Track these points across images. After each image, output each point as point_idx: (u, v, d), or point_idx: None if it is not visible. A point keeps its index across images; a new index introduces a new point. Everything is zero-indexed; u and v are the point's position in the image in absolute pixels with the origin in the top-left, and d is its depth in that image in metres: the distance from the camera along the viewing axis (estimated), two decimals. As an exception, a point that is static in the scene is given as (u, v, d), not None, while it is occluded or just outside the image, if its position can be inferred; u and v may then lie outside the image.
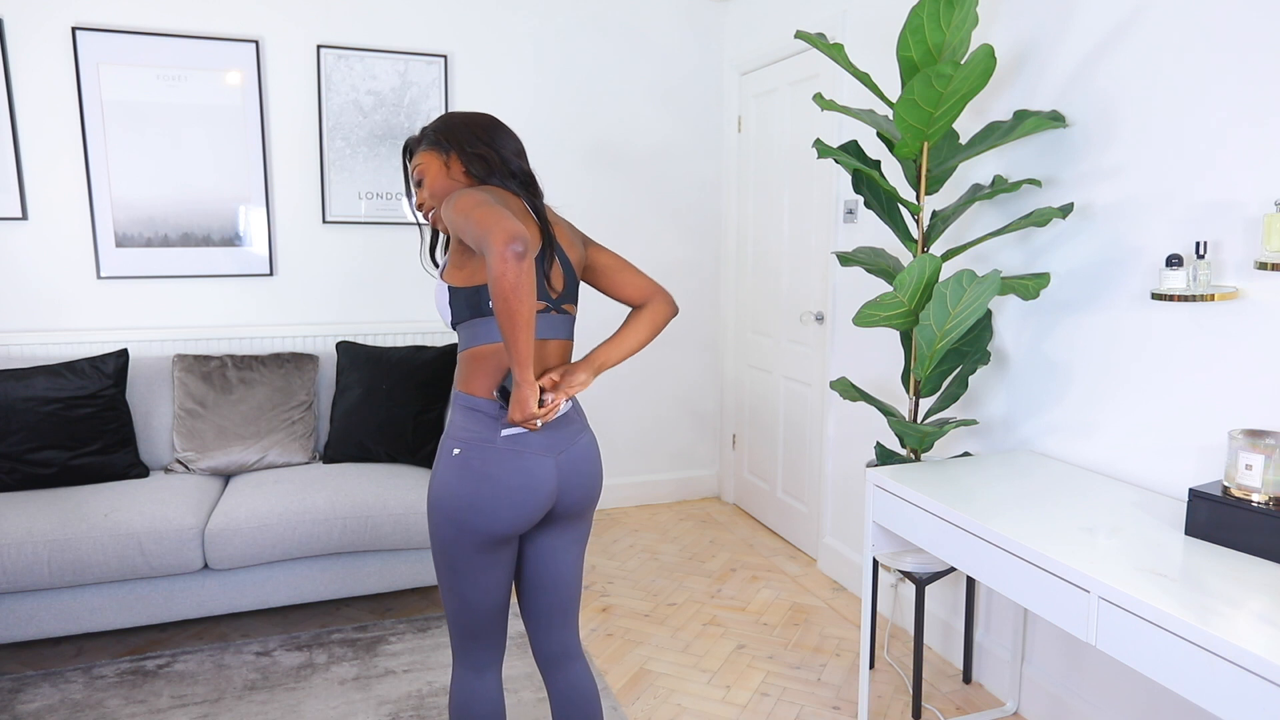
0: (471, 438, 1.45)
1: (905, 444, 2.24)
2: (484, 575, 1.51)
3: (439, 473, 1.47)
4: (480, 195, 1.35)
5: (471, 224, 1.29)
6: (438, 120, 1.58)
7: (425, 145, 1.56)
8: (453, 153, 1.54)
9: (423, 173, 1.55)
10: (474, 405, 1.46)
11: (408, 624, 2.70)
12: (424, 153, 1.55)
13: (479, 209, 1.30)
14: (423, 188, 1.55)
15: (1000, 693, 2.37)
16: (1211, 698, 1.23)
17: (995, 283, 1.87)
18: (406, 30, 3.33)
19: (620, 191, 3.75)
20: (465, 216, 1.32)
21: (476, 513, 1.44)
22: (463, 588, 1.51)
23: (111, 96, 2.98)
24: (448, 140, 1.54)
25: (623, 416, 3.90)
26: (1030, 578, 1.55)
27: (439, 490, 1.46)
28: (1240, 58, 1.69)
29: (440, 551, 1.50)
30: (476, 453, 1.43)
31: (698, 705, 2.31)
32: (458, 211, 1.33)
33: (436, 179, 1.54)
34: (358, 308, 3.41)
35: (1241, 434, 1.51)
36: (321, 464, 2.91)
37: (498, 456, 1.43)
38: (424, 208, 1.57)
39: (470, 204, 1.32)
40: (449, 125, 1.56)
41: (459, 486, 1.44)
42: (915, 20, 1.95)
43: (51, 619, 2.36)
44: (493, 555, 1.49)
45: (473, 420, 1.46)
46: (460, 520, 1.45)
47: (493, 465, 1.43)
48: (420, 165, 1.55)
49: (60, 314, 3.04)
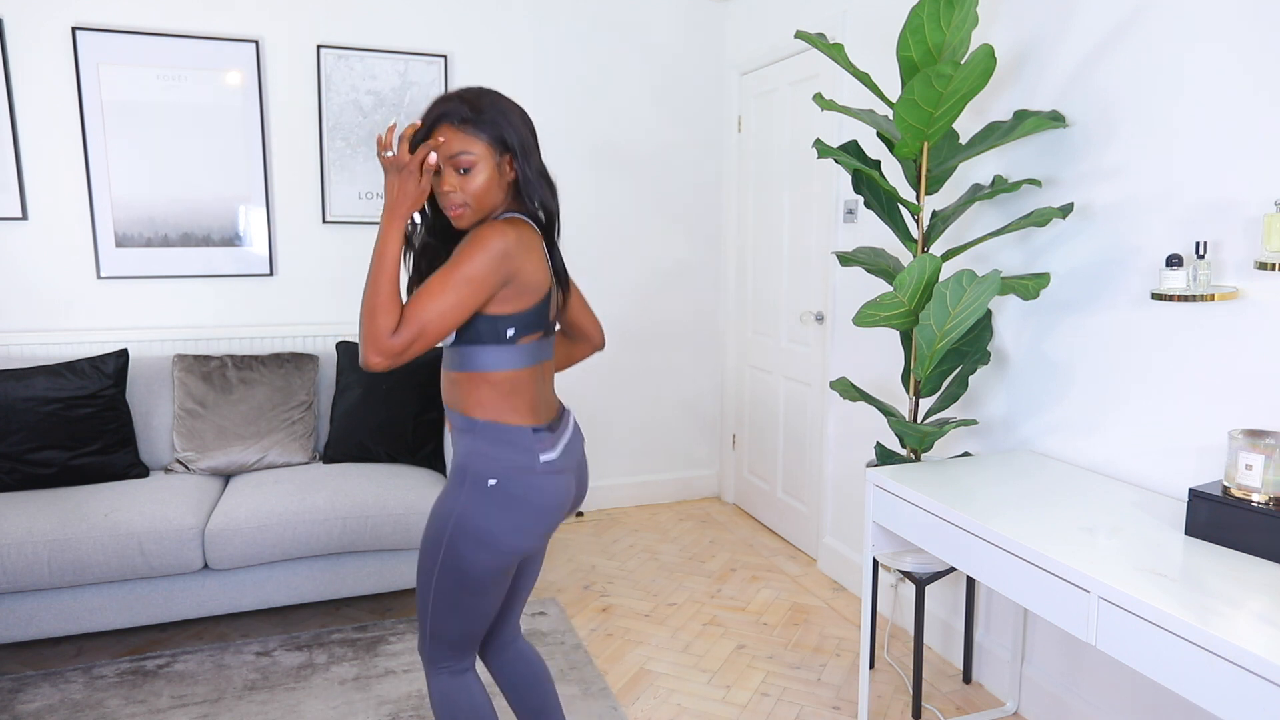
0: (509, 468, 1.44)
1: (905, 444, 2.24)
2: (496, 593, 1.52)
3: (469, 501, 1.43)
4: (489, 261, 1.33)
5: (439, 297, 1.30)
6: (489, 101, 1.40)
7: (481, 134, 1.38)
8: (510, 159, 1.43)
9: (473, 164, 1.38)
10: (506, 435, 1.45)
11: (408, 624, 2.70)
12: (477, 140, 1.38)
13: (465, 288, 1.32)
14: (469, 177, 1.39)
15: (1000, 693, 2.37)
16: (1211, 698, 1.23)
17: (995, 283, 1.87)
18: (406, 30, 3.33)
19: (620, 192, 3.75)
20: (450, 283, 1.31)
21: (518, 537, 1.45)
22: (473, 610, 1.50)
23: (111, 97, 2.98)
24: (508, 141, 1.41)
25: (623, 416, 3.90)
26: (1030, 578, 1.55)
27: (476, 521, 1.43)
28: (1240, 58, 1.69)
29: (458, 576, 1.46)
30: (516, 481, 1.44)
31: (698, 705, 2.31)
32: (465, 263, 1.32)
33: (489, 183, 1.41)
34: (357, 307, 3.41)
35: (1241, 434, 1.51)
36: (321, 464, 2.91)
37: (538, 480, 1.46)
38: (452, 201, 1.40)
39: (472, 272, 1.32)
40: (509, 120, 1.41)
41: (500, 516, 1.43)
42: (915, 20, 1.95)
43: (51, 619, 2.36)
44: (511, 573, 1.52)
45: (508, 450, 1.44)
46: (499, 547, 1.44)
47: (533, 491, 1.45)
48: (473, 156, 1.38)
49: (60, 314, 3.04)
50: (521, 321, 1.44)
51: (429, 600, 1.50)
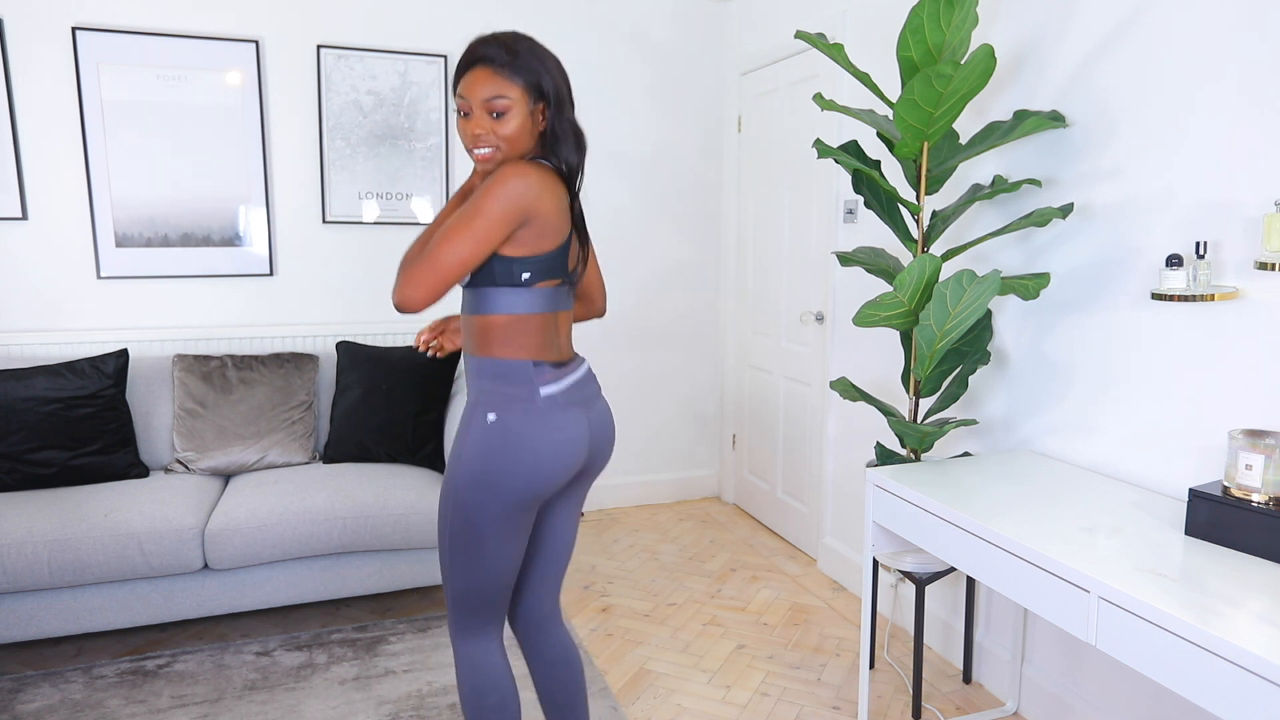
0: (507, 401, 1.43)
1: (905, 444, 2.24)
2: (510, 544, 1.48)
3: (472, 442, 1.43)
4: (505, 198, 1.34)
5: (455, 232, 1.33)
6: (526, 46, 1.40)
7: (517, 78, 1.38)
8: (543, 107, 1.43)
9: (509, 108, 1.38)
10: (506, 369, 1.44)
11: (408, 624, 2.70)
12: (513, 84, 1.38)
13: (481, 224, 1.34)
14: (501, 122, 1.39)
15: (1000, 693, 2.37)
16: (1211, 698, 1.23)
17: (995, 283, 1.87)
18: (406, 30, 3.33)
19: (620, 191, 3.75)
20: (465, 217, 1.34)
21: (517, 476, 1.42)
22: (486, 561, 1.47)
23: (111, 96, 2.98)
24: (544, 88, 1.40)
25: (623, 416, 3.90)
26: (1030, 578, 1.55)
27: (474, 460, 1.42)
28: (1240, 58, 1.69)
29: (466, 525, 1.45)
30: (515, 415, 1.43)
31: (698, 705, 2.31)
32: (483, 199, 1.34)
33: (521, 130, 1.40)
34: (358, 308, 3.41)
35: (1241, 434, 1.51)
36: (321, 464, 2.91)
37: (539, 415, 1.44)
38: (482, 143, 1.40)
39: (488, 207, 1.34)
40: (546, 67, 1.41)
41: (501, 451, 1.41)
42: (915, 20, 1.95)
43: (51, 619, 2.36)
44: (521, 521, 1.47)
45: (506, 383, 1.44)
46: (500, 487, 1.42)
47: (535, 424, 1.43)
48: (509, 100, 1.38)
49: (60, 314, 3.04)
50: (537, 266, 1.43)
51: (446, 558, 1.49)
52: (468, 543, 1.46)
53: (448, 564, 1.50)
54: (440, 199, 3.46)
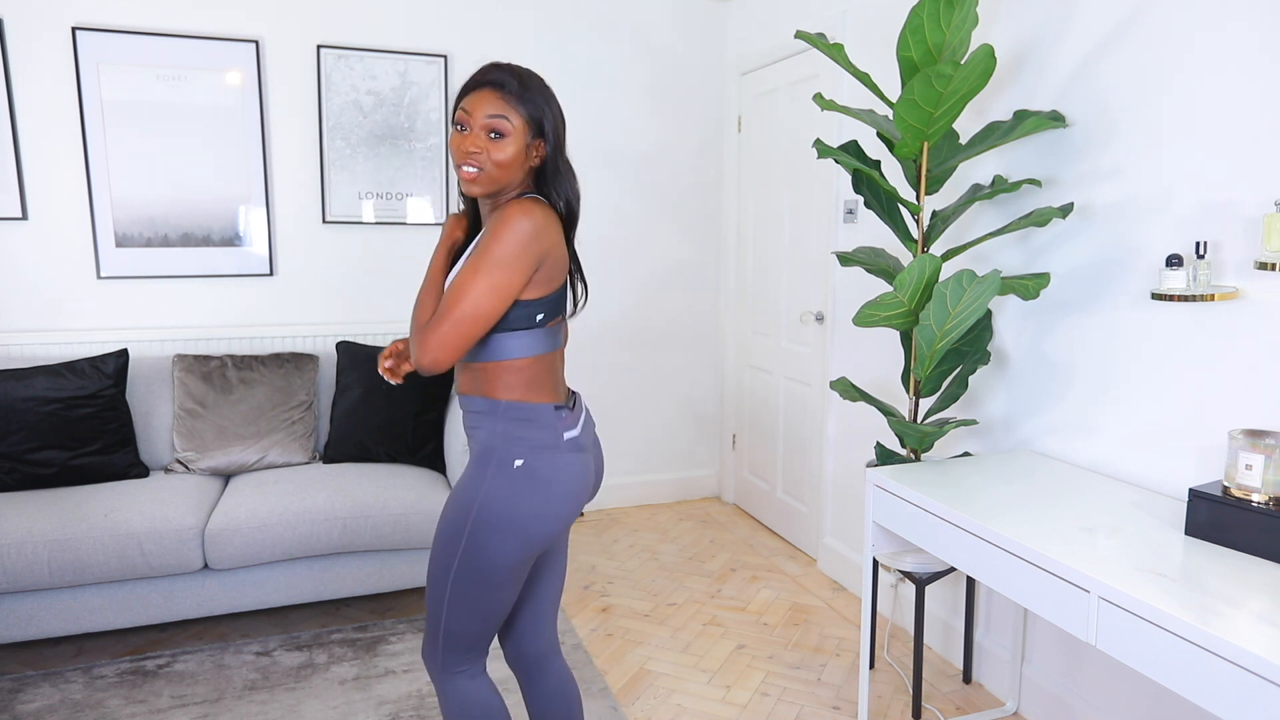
0: (533, 447, 1.42)
1: (905, 444, 2.24)
2: (516, 587, 1.48)
3: (492, 485, 1.40)
4: (519, 243, 1.33)
5: (472, 284, 1.32)
6: (536, 83, 1.41)
7: (522, 108, 1.39)
8: (540, 144, 1.43)
9: (508, 132, 1.38)
10: (531, 413, 1.43)
11: (408, 624, 2.70)
12: (517, 113, 1.38)
13: (497, 271, 1.32)
14: (498, 144, 1.38)
15: (1000, 693, 2.37)
16: (1211, 698, 1.23)
17: (995, 283, 1.87)
18: (406, 30, 3.33)
19: (620, 191, 3.75)
20: (481, 268, 1.32)
21: (544, 520, 1.42)
22: (492, 604, 1.46)
23: (111, 96, 2.98)
24: (544, 126, 1.42)
25: (623, 416, 3.90)
26: (1030, 578, 1.55)
27: (495, 503, 1.40)
28: (1240, 57, 1.69)
29: (479, 569, 1.42)
30: (544, 461, 1.42)
31: (698, 705, 2.31)
32: (495, 245, 1.33)
33: (515, 158, 1.40)
34: (358, 308, 3.41)
35: (1241, 434, 1.51)
36: (321, 464, 2.91)
37: (563, 459, 1.44)
38: (472, 161, 1.38)
39: (502, 254, 1.33)
40: (550, 107, 1.43)
41: (529, 496, 1.40)
42: (915, 20, 1.95)
43: (51, 619, 2.36)
44: (529, 563, 1.47)
45: (532, 428, 1.42)
46: (525, 531, 1.41)
47: (560, 470, 1.43)
48: (510, 124, 1.37)
49: (60, 314, 3.04)
50: (550, 304, 1.44)
51: (444, 600, 1.45)
52: (476, 586, 1.44)
53: (445, 603, 1.46)
54: (440, 199, 3.46)
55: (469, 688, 1.51)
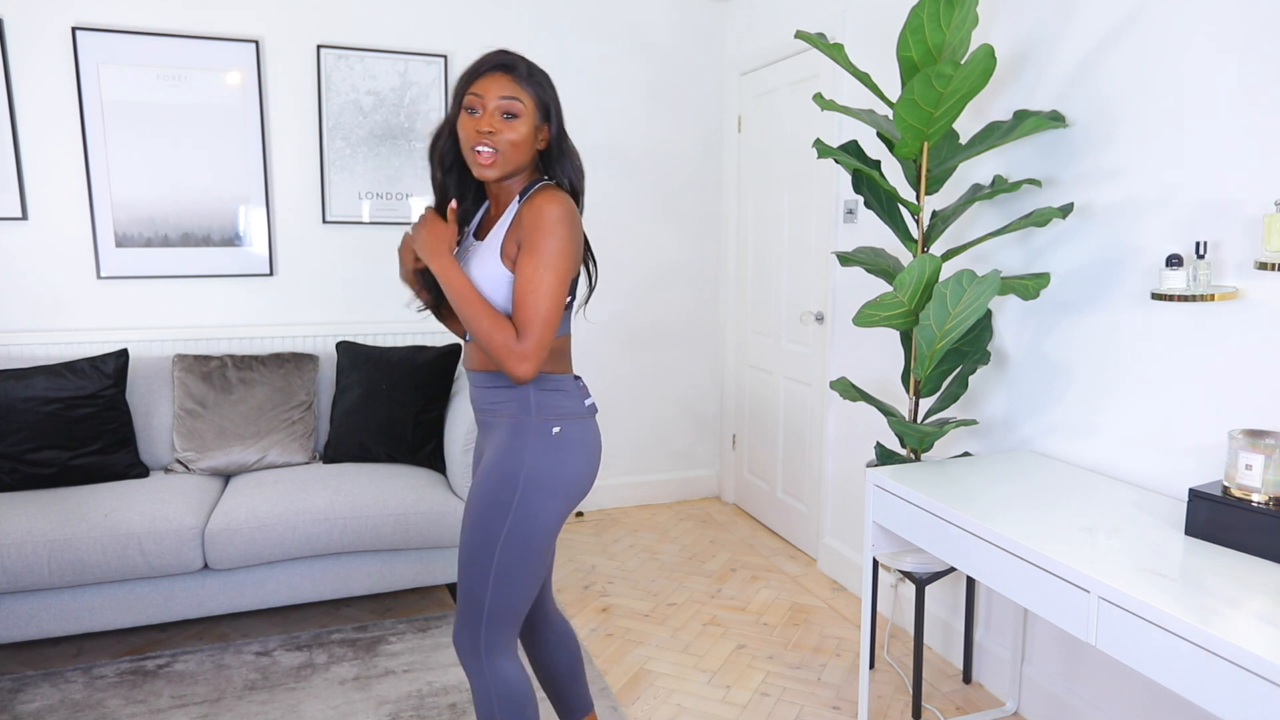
0: (565, 414, 1.52)
1: (905, 444, 2.24)
2: (553, 552, 1.57)
3: (541, 454, 1.48)
4: (567, 232, 1.40)
5: (545, 282, 1.38)
6: (542, 72, 1.48)
7: (531, 91, 1.44)
8: (546, 128, 1.50)
9: (521, 113, 1.43)
10: (560, 383, 1.53)
11: (408, 624, 2.70)
12: (529, 95, 1.44)
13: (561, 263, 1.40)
14: (510, 124, 1.42)
15: (1000, 693, 2.37)
16: (1211, 698, 1.23)
17: (995, 283, 1.87)
18: (406, 30, 3.33)
19: (620, 192, 3.75)
20: (545, 264, 1.38)
21: (583, 481, 1.53)
22: (538, 567, 1.53)
23: (111, 96, 2.98)
24: (550, 111, 1.48)
25: (623, 416, 3.90)
26: (1030, 578, 1.55)
27: (539, 470, 1.48)
28: (1240, 58, 1.69)
29: (527, 535, 1.48)
30: (575, 426, 1.53)
31: (698, 705, 2.31)
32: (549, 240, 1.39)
33: (526, 139, 1.45)
34: (358, 308, 3.41)
35: (1241, 434, 1.51)
36: (321, 464, 2.91)
37: (590, 425, 1.56)
38: (487, 141, 1.42)
39: (560, 246, 1.39)
40: (553, 96, 1.49)
41: (571, 460, 1.51)
42: (915, 20, 1.95)
43: (51, 619, 2.36)
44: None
45: (561, 398, 1.52)
46: (568, 493, 1.51)
47: (589, 433, 1.55)
48: (522, 105, 1.42)
49: (60, 314, 3.04)
50: (574, 285, 1.54)
51: (488, 577, 1.48)
52: (525, 554, 1.49)
53: (490, 581, 1.48)
54: (440, 199, 3.45)
55: (509, 669, 1.54)
